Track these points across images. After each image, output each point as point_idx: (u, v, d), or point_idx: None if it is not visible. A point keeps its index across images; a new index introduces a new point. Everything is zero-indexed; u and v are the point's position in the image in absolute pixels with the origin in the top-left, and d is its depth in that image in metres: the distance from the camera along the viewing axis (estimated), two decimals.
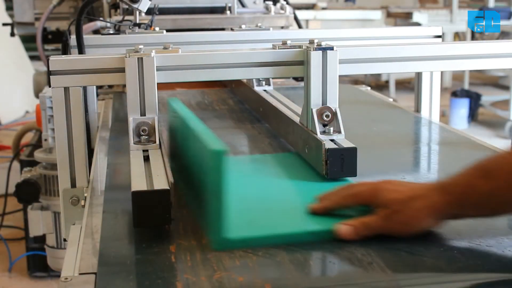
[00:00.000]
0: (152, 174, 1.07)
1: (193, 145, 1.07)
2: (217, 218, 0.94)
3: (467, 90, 6.47)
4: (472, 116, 6.34)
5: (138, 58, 1.25)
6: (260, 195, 1.17)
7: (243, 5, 2.63)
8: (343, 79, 1.48)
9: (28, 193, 2.65)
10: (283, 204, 1.12)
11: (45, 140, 2.69)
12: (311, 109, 1.31)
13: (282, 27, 2.44)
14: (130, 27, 1.94)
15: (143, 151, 1.22)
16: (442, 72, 2.36)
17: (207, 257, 0.93)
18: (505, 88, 7.30)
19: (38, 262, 3.17)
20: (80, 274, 0.90)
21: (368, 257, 0.92)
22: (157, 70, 1.26)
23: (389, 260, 0.91)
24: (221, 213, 0.94)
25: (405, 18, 7.29)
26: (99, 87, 2.23)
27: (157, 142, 1.23)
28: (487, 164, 0.94)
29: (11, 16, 3.76)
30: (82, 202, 1.27)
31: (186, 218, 1.08)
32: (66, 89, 1.27)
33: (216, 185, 0.93)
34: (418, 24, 6.85)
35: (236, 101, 2.16)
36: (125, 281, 0.87)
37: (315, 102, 1.31)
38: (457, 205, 0.94)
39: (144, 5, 1.84)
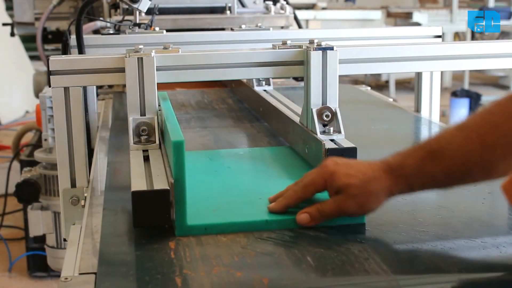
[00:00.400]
0: (152, 174, 1.07)
1: (166, 137, 1.15)
2: (179, 205, 1.00)
3: (467, 90, 6.47)
4: None
5: (138, 58, 1.25)
6: (228, 186, 1.23)
7: (243, 5, 2.63)
8: (343, 79, 1.48)
9: (28, 193, 2.65)
10: (248, 195, 1.16)
11: (45, 140, 2.69)
12: (311, 109, 1.31)
13: (282, 27, 2.44)
14: (130, 27, 1.94)
15: (143, 151, 1.22)
16: (442, 72, 2.35)
17: (206, 253, 0.94)
18: (505, 88, 7.30)
19: (38, 262, 3.16)
20: (80, 274, 0.90)
21: (364, 253, 0.93)
22: (157, 70, 1.26)
23: (385, 256, 0.93)
24: (182, 200, 1.00)
25: (405, 18, 7.29)
26: (99, 87, 2.23)
27: (157, 142, 1.23)
28: (434, 146, 0.99)
29: (11, 16, 3.76)
30: (82, 202, 1.27)
31: None
32: (66, 89, 1.27)
33: (176, 173, 0.99)
34: (418, 24, 6.85)
35: (236, 100, 2.17)
36: (125, 281, 0.87)
37: (315, 102, 1.31)
38: (407, 186, 1.00)
39: (144, 5, 1.84)
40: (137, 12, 1.95)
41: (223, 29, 2.29)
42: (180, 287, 0.85)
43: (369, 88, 2.35)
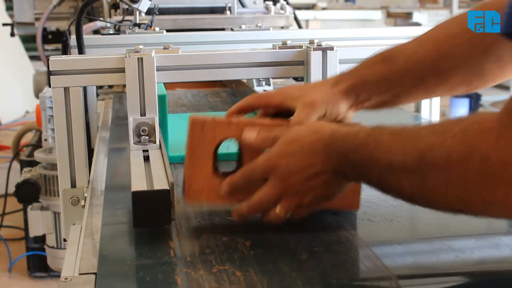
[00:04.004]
0: (152, 174, 1.07)
1: None
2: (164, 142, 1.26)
3: None
4: None
5: (138, 58, 1.25)
6: None
7: (243, 5, 2.63)
8: None
9: (28, 193, 2.65)
10: None
11: (45, 140, 2.69)
12: None
13: (282, 27, 2.44)
14: (130, 27, 1.94)
15: (143, 151, 1.22)
16: None
17: (197, 223, 1.06)
18: (505, 88, 7.30)
19: (38, 262, 3.17)
20: (80, 274, 0.91)
21: (337, 222, 1.06)
22: (157, 70, 1.26)
23: (357, 225, 1.05)
24: (166, 138, 1.35)
25: (405, 18, 7.29)
26: (99, 87, 2.23)
27: (157, 142, 1.23)
28: (386, 53, 1.09)
29: (11, 16, 3.76)
30: (82, 202, 1.27)
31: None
32: (66, 89, 1.27)
33: (160, 118, 1.30)
34: (418, 24, 6.85)
35: (229, 93, 2.23)
36: (125, 281, 0.87)
37: None
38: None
39: (144, 5, 1.83)
40: (137, 12, 1.95)
41: (223, 29, 2.29)
42: (174, 248, 0.95)
43: None
